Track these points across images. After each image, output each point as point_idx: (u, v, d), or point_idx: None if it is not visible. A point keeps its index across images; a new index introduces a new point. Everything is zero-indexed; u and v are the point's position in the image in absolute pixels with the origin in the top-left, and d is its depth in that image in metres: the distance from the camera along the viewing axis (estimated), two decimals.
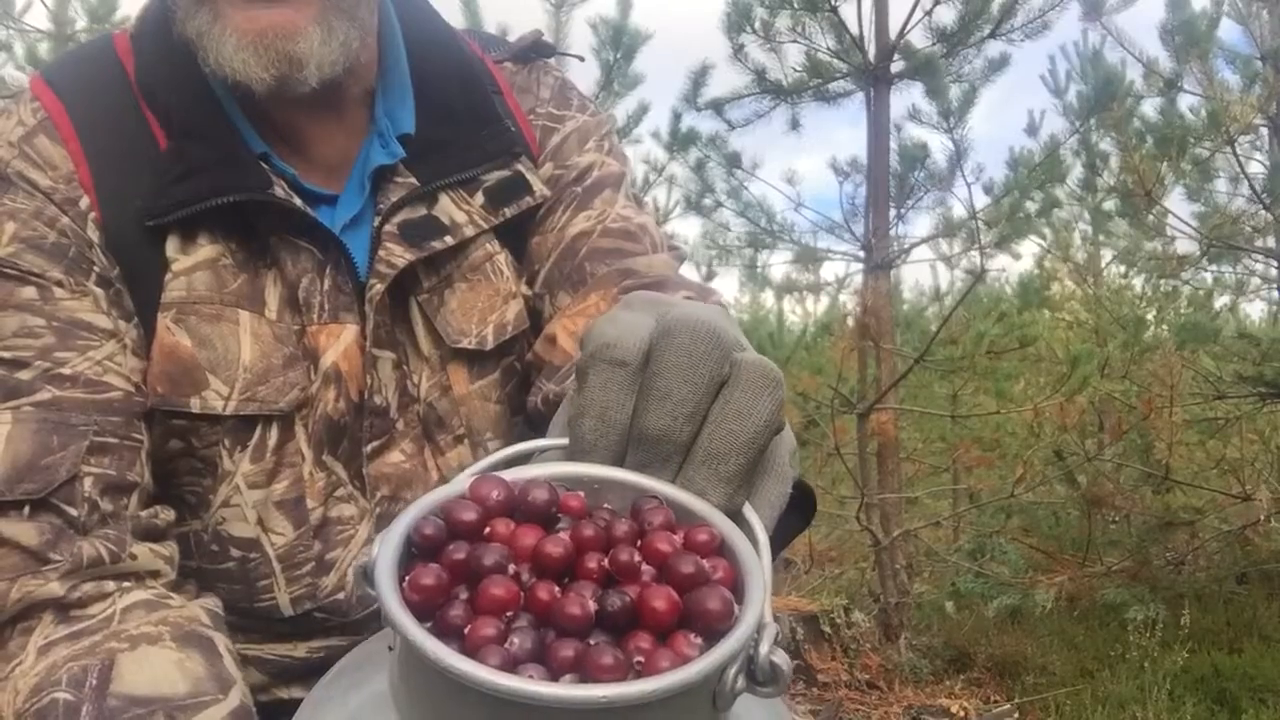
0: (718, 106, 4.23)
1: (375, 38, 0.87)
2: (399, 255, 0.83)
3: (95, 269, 0.80)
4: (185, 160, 0.80)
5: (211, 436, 0.81)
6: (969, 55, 3.92)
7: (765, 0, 3.98)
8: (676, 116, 4.37)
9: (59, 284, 0.78)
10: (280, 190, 0.80)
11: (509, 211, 0.89)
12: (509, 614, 0.39)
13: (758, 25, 4.01)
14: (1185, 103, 4.59)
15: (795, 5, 3.93)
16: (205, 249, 0.81)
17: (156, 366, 0.80)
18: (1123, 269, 6.47)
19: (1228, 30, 5.01)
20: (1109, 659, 3.63)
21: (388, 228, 0.84)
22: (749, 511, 0.45)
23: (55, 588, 0.72)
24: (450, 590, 0.40)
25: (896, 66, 3.94)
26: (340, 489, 0.85)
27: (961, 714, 3.18)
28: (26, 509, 0.72)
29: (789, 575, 4.77)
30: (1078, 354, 4.12)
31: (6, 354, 0.76)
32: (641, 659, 0.38)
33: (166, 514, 0.82)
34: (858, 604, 3.78)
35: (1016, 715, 3.22)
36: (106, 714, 0.68)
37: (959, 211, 4.03)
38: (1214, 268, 5.42)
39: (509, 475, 0.45)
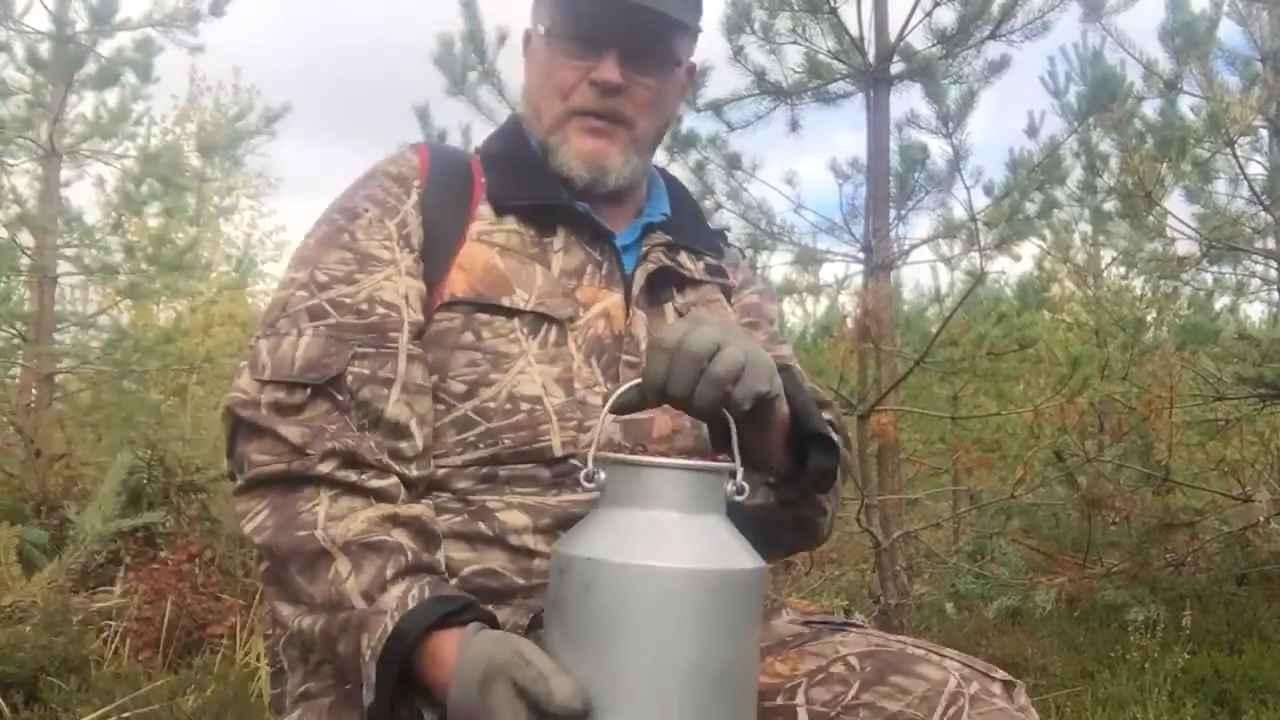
0: (717, 108, 4.22)
1: (648, 177, 1.35)
2: (660, 262, 1.27)
3: (403, 222, 1.20)
4: (520, 187, 1.26)
5: (508, 328, 1.17)
6: (968, 56, 3.92)
7: (765, 2, 3.99)
8: (676, 118, 4.36)
9: (371, 221, 1.19)
10: (580, 209, 1.24)
11: (715, 280, 1.36)
12: None
13: (757, 26, 4.02)
14: (1185, 104, 4.60)
15: (795, 6, 3.94)
16: (511, 224, 1.22)
17: (474, 276, 1.18)
18: (1123, 270, 6.48)
19: (1228, 31, 5.02)
20: (1109, 660, 3.63)
21: (652, 252, 1.28)
22: (723, 413, 0.98)
23: (320, 467, 1.05)
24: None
25: (896, 68, 3.94)
26: (597, 385, 1.18)
27: None
28: (309, 390, 1.08)
29: (790, 576, 4.77)
30: (1078, 355, 4.12)
31: (323, 276, 1.15)
32: None
33: (414, 447, 1.11)
34: (858, 605, 3.78)
35: None
36: (428, 562, 1.04)
37: (959, 213, 4.03)
38: (1214, 269, 5.43)
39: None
